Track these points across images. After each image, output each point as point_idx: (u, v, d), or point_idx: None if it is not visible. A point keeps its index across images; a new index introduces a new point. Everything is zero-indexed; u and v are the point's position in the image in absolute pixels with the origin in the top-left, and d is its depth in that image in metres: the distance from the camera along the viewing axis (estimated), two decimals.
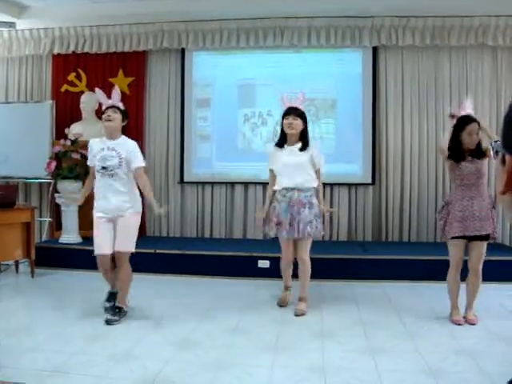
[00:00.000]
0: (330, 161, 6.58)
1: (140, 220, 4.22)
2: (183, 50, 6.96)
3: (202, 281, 5.44)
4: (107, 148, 4.06)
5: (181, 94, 7.01)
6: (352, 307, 4.51)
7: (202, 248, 6.01)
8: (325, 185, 6.61)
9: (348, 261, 5.59)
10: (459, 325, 3.96)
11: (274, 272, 4.92)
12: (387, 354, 3.36)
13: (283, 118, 4.40)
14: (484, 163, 3.94)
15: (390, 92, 6.70)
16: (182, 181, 7.05)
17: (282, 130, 4.43)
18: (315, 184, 4.38)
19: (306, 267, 4.39)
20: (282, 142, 4.43)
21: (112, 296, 4.16)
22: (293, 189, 4.29)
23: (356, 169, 6.76)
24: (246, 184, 6.93)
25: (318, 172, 4.41)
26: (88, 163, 4.23)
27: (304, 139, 4.38)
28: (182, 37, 6.79)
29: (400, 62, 6.70)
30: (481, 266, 3.99)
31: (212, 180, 7.00)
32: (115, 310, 4.09)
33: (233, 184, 6.97)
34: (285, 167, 4.33)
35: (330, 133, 6.79)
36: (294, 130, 4.31)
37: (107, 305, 4.11)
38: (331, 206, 6.74)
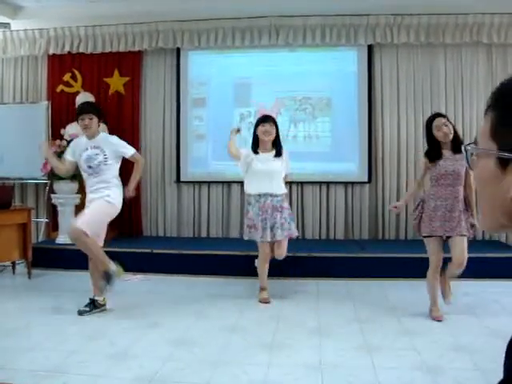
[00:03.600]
0: (326, 159, 6.64)
1: (108, 211, 4.24)
2: (178, 50, 6.96)
3: (198, 280, 5.45)
4: (90, 147, 4.25)
5: (176, 94, 7.01)
6: (349, 305, 4.52)
7: (199, 247, 6.02)
8: (321, 183, 6.70)
9: (345, 259, 5.59)
10: (439, 321, 3.99)
11: (270, 271, 4.93)
12: (384, 352, 3.37)
13: (259, 124, 4.64)
14: (463, 163, 3.85)
15: (386, 90, 6.71)
16: (178, 180, 7.05)
17: (255, 137, 4.68)
18: (285, 190, 4.69)
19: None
20: (256, 148, 4.67)
21: (90, 303, 4.27)
22: (265, 194, 4.53)
23: (352, 167, 6.77)
24: (242, 183, 6.91)
25: (286, 176, 4.75)
26: (65, 155, 4.49)
27: (277, 146, 4.65)
28: (177, 36, 6.78)
29: (395, 60, 6.71)
30: (466, 259, 3.95)
31: (208, 179, 7.00)
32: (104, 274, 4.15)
33: (229, 183, 6.96)
34: (260, 174, 4.56)
35: (326, 131, 6.79)
36: (271, 136, 4.58)
37: (81, 309, 4.22)
38: (327, 205, 6.79)
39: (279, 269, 5.13)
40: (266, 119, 4.63)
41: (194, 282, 5.40)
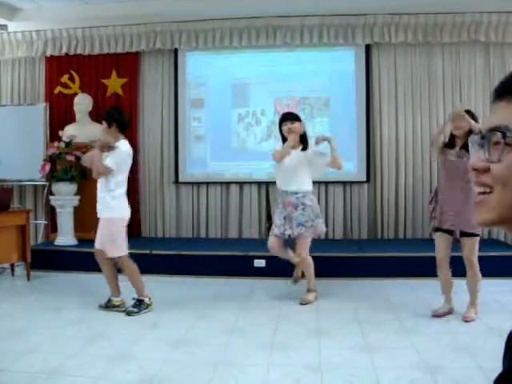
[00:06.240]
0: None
1: (115, 225, 4.22)
2: (176, 51, 6.95)
3: (198, 281, 5.44)
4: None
5: (174, 95, 7.00)
6: (348, 305, 4.51)
7: (198, 248, 6.01)
8: (319, 183, 6.67)
9: (344, 259, 5.59)
10: (438, 317, 4.04)
11: (270, 271, 4.93)
12: (384, 351, 3.36)
13: (281, 124, 4.57)
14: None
15: (384, 89, 6.70)
16: (176, 181, 7.04)
17: (283, 136, 4.59)
18: (310, 187, 4.54)
19: (305, 264, 4.59)
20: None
21: (109, 302, 4.41)
22: (286, 191, 4.49)
23: (351, 167, 6.76)
24: (240, 184, 6.93)
25: (329, 161, 4.53)
26: None
27: (304, 141, 4.58)
28: (175, 37, 6.78)
29: (393, 60, 6.71)
30: (475, 260, 3.97)
31: (207, 180, 6.99)
32: (135, 302, 4.32)
33: (228, 184, 6.96)
34: (285, 169, 4.50)
35: (325, 131, 6.76)
36: (295, 133, 4.49)
37: (102, 304, 4.41)
38: (326, 205, 6.77)
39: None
40: (287, 117, 4.58)
41: (193, 282, 5.39)
